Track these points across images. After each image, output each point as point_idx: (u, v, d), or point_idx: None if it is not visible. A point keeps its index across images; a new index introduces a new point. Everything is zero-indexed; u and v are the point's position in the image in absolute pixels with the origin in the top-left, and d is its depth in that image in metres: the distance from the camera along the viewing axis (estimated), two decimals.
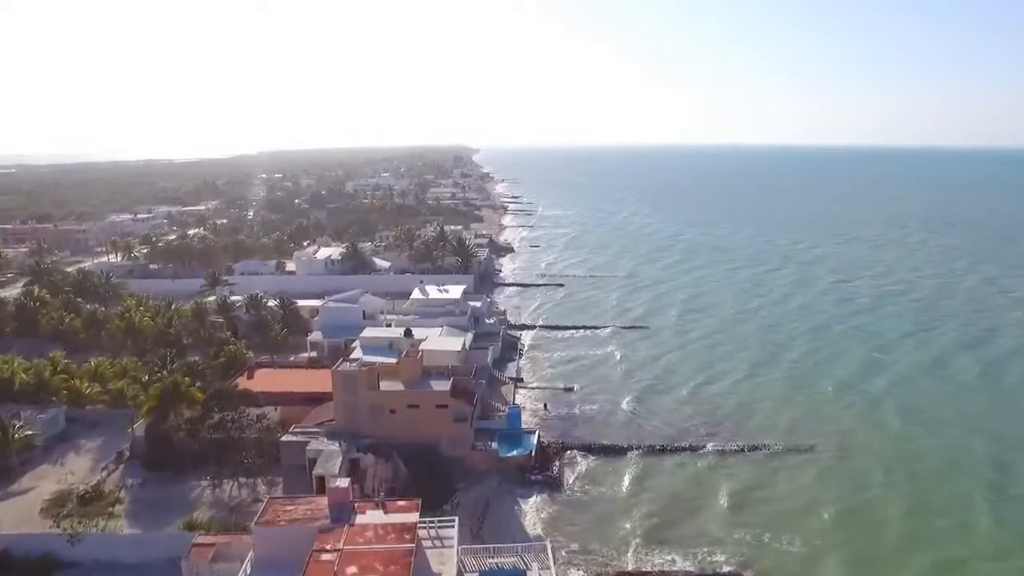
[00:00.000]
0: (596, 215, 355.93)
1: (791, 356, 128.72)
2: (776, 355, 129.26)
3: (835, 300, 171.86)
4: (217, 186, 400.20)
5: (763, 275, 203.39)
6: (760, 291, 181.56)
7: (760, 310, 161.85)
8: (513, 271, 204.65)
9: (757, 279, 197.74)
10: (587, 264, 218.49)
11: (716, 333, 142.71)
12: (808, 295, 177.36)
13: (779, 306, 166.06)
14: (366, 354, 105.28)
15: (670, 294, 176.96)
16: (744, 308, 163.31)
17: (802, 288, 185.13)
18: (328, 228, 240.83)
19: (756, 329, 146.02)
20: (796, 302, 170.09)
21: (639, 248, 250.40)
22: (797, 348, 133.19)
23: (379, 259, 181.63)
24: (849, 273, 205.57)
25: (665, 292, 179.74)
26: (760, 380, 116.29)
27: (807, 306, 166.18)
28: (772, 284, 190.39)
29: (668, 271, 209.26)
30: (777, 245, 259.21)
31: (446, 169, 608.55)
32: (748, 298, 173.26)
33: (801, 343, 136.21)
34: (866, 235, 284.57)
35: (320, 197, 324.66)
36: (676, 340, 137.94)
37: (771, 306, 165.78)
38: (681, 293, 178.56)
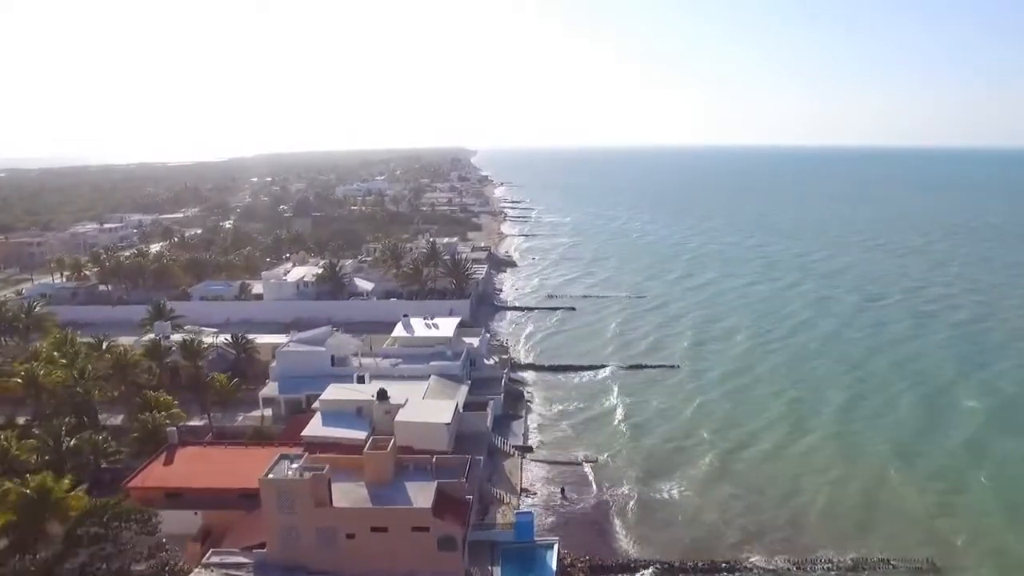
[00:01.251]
0: (597, 221, 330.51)
1: (835, 404, 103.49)
2: (817, 403, 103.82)
3: (869, 325, 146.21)
4: (200, 192, 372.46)
5: (781, 291, 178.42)
6: (782, 312, 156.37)
7: (787, 339, 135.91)
8: (515, 290, 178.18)
9: (775, 296, 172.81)
10: (592, 279, 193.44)
11: (742, 372, 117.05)
12: (837, 317, 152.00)
13: (807, 332, 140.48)
14: (326, 424, 79.22)
15: (682, 318, 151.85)
16: (768, 336, 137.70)
17: (828, 308, 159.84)
18: (310, 240, 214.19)
19: (787, 366, 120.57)
20: (825, 327, 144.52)
21: (643, 259, 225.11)
22: (840, 391, 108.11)
23: (361, 279, 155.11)
24: (877, 289, 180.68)
25: (677, 315, 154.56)
26: (806, 444, 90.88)
27: (839, 333, 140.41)
28: (793, 303, 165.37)
29: (677, 287, 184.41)
30: (790, 255, 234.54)
31: (443, 172, 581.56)
32: (771, 322, 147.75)
33: (844, 384, 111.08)
34: (885, 243, 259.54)
35: (305, 204, 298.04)
36: (697, 382, 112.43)
37: (798, 332, 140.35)
38: (694, 315, 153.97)
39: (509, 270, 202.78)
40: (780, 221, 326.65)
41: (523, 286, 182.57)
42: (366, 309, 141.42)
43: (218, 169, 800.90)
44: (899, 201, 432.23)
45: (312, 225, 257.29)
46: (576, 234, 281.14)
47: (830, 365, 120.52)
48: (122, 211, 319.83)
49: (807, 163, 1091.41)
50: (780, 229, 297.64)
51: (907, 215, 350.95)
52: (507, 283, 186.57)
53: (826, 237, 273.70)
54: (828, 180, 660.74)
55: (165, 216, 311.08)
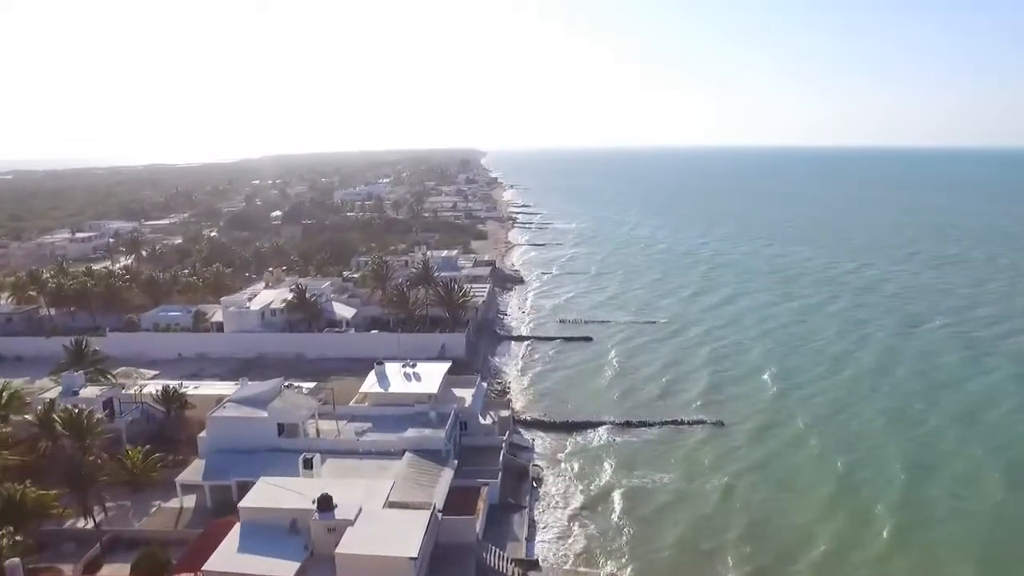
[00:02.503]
0: (604, 226, 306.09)
1: (899, 481, 78.58)
2: (877, 480, 79.00)
3: (919, 359, 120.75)
4: (192, 196, 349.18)
5: (809, 312, 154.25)
6: (814, 341, 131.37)
7: (825, 379, 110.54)
8: (522, 313, 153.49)
9: (803, 319, 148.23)
10: (602, 294, 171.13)
11: (776, 429, 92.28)
12: (880, 349, 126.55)
13: (847, 369, 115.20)
14: (245, 545, 55.23)
15: (701, 347, 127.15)
16: (802, 375, 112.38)
17: (867, 335, 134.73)
18: (294, 252, 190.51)
19: (830, 420, 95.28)
20: (868, 361, 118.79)
21: (654, 271, 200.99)
22: (902, 462, 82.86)
23: (342, 304, 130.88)
24: (918, 309, 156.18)
25: (695, 344, 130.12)
26: (873, 550, 66.33)
27: (886, 371, 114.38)
28: (825, 328, 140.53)
29: (693, 306, 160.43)
30: (814, 266, 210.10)
31: (450, 174, 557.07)
32: (803, 356, 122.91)
33: (904, 450, 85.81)
34: (916, 251, 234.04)
35: (296, 211, 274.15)
36: (727, 444, 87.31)
37: (837, 369, 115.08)
38: (718, 344, 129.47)
39: (516, 288, 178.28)
40: (797, 227, 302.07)
41: (531, 308, 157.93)
42: (342, 344, 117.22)
43: (225, 171, 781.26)
44: (919, 204, 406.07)
45: (303, 234, 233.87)
46: (585, 242, 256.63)
47: (881, 419, 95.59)
48: (109, 217, 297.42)
49: (814, 164, 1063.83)
50: (798, 236, 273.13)
51: (932, 220, 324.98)
52: (513, 304, 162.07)
53: (849, 245, 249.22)
54: (839, 182, 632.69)
55: (152, 223, 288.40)
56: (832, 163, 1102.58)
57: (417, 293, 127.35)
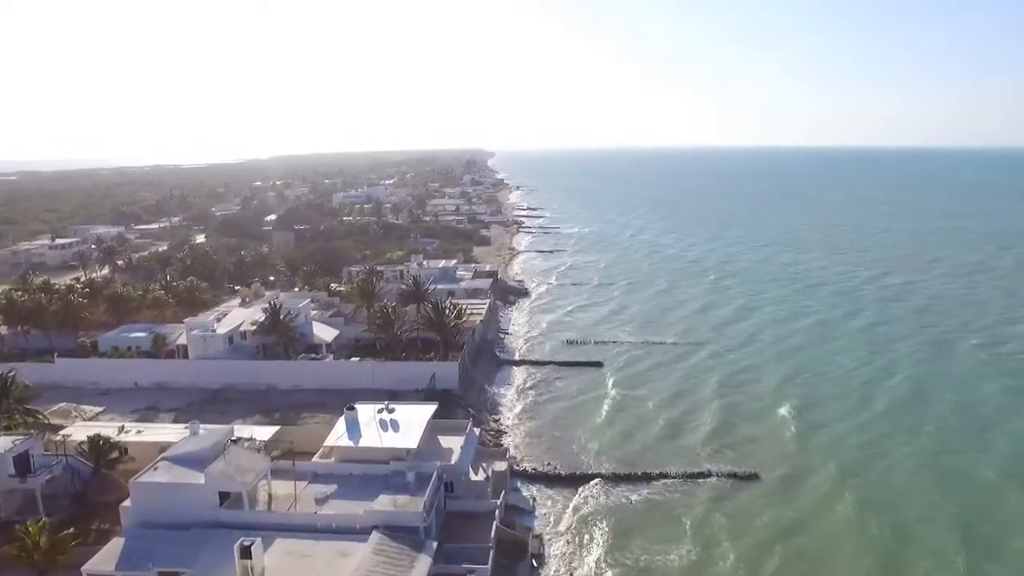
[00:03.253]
0: (609, 230, 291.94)
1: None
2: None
3: (1003, 397, 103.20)
4: (186, 199, 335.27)
5: (840, 328, 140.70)
6: (845, 372, 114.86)
7: (886, 426, 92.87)
8: (525, 332, 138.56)
9: (829, 340, 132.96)
10: (608, 306, 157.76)
11: (846, 509, 74.06)
12: (940, 379, 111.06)
13: (917, 415, 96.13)
14: None
15: (718, 377, 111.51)
16: (850, 421, 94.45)
17: (898, 362, 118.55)
18: (280, 261, 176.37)
19: (919, 496, 77.80)
20: (939, 404, 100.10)
21: (662, 280, 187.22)
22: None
23: (321, 325, 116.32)
24: (957, 326, 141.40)
25: (708, 368, 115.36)
26: None
27: (969, 411, 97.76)
28: (862, 348, 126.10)
29: (704, 322, 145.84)
30: (833, 274, 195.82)
31: (455, 176, 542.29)
32: (843, 388, 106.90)
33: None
34: (938, 259, 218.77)
35: (288, 216, 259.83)
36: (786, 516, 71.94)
37: (901, 414, 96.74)
38: (732, 370, 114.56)
39: (519, 301, 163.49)
40: (808, 231, 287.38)
41: (535, 325, 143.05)
42: (319, 373, 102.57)
43: (230, 172, 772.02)
44: (930, 206, 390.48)
45: (295, 240, 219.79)
46: (591, 248, 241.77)
47: (927, 471, 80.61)
48: (99, 221, 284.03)
49: (817, 164, 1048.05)
50: (810, 241, 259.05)
51: (947, 223, 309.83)
52: (516, 321, 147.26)
53: (865, 251, 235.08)
54: (845, 183, 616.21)
55: (142, 227, 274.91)
56: (835, 164, 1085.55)
57: (405, 314, 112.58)
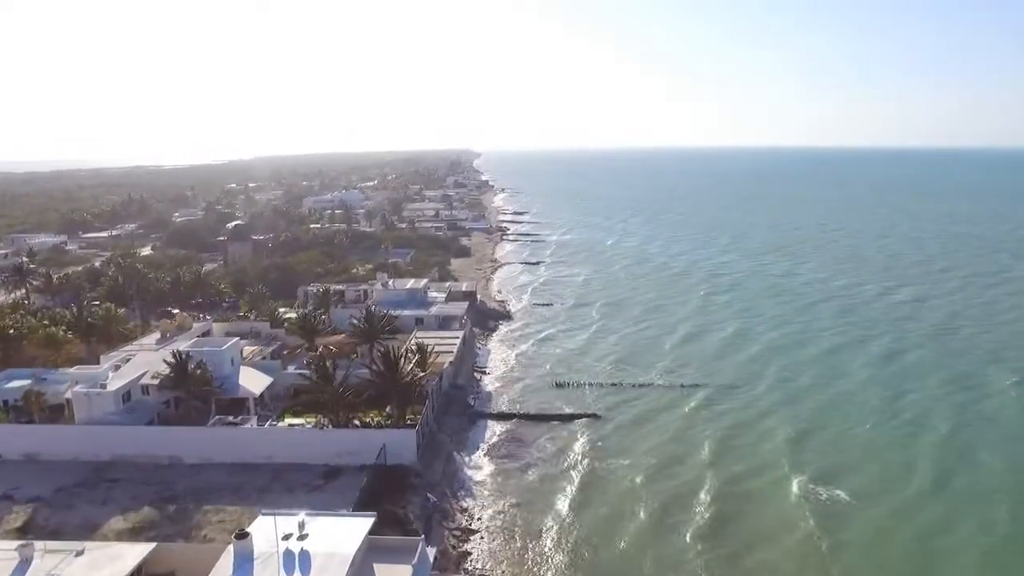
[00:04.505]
0: (608, 239, 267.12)
1: None
2: None
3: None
4: (145, 203, 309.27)
5: (853, 358, 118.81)
6: (876, 418, 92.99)
7: (937, 517, 69.52)
8: (506, 370, 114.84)
9: (848, 374, 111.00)
10: (611, 337, 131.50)
11: None
12: (988, 438, 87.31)
13: (976, 503, 71.89)
14: None
15: (713, 433, 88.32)
16: (886, 505, 71.21)
17: (955, 411, 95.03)
18: (224, 279, 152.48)
19: None
20: (999, 479, 76.70)
21: (671, 302, 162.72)
22: None
23: (250, 372, 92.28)
24: (988, 356, 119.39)
25: (704, 420, 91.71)
26: None
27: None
28: (884, 389, 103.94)
29: (695, 351, 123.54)
30: (836, 288, 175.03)
31: (438, 177, 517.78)
32: (871, 454, 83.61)
33: None
34: (950, 268, 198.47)
35: (257, 221, 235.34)
36: None
37: (954, 498, 72.91)
38: (728, 424, 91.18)
39: (501, 327, 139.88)
40: (805, 237, 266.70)
41: (519, 361, 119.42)
42: (236, 442, 78.45)
43: (212, 172, 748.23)
44: (931, 209, 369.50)
45: (253, 252, 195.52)
46: (586, 260, 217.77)
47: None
48: (49, 229, 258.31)
49: (815, 165, 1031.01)
50: (808, 248, 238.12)
51: (951, 228, 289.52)
52: (496, 353, 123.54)
53: (869, 260, 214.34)
54: (843, 184, 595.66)
55: (91, 235, 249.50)
56: (833, 164, 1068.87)
57: (355, 358, 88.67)
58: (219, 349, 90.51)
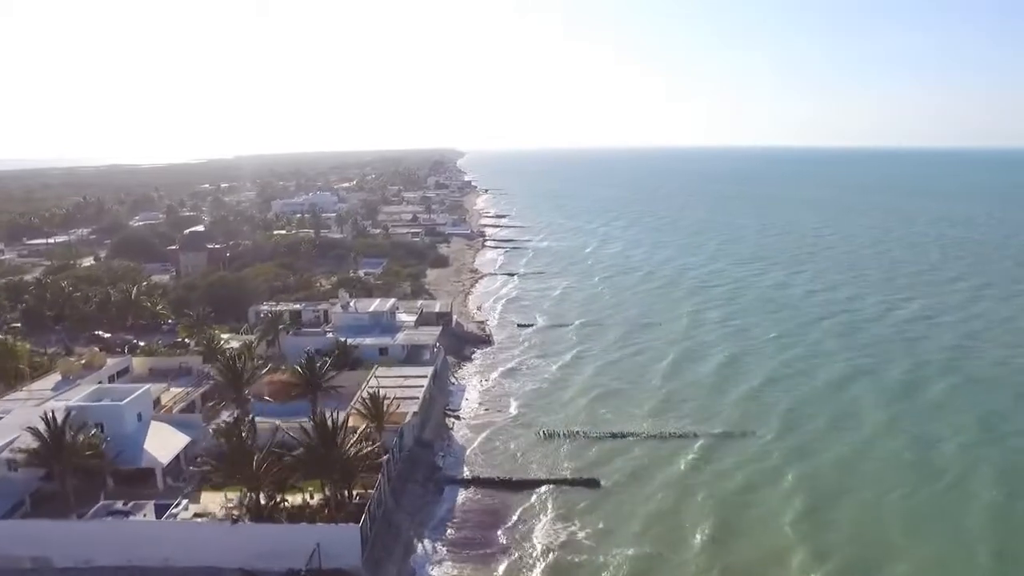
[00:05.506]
0: (590, 242, 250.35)
1: None
2: None
3: None
4: (102, 206, 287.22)
5: (865, 393, 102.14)
6: (909, 480, 76.16)
7: None
8: (483, 413, 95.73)
9: (859, 416, 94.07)
10: (598, 362, 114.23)
11: None
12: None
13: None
14: None
15: (710, 503, 70.35)
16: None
17: (998, 471, 77.54)
18: (167, 297, 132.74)
19: None
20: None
21: (633, 310, 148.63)
22: None
23: (165, 430, 72.81)
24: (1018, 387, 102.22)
25: (704, 484, 75.00)
26: None
27: None
28: (909, 437, 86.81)
29: (681, 386, 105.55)
30: (833, 301, 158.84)
31: (419, 178, 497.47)
32: (910, 531, 66.59)
33: None
34: (958, 278, 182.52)
35: (215, 228, 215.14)
36: None
37: None
38: (727, 489, 74.01)
39: (479, 354, 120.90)
40: (796, 242, 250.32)
41: (496, 399, 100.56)
42: (127, 540, 59.07)
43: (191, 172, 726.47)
44: (925, 212, 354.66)
45: (208, 263, 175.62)
46: (569, 270, 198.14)
47: None
48: None
49: (802, 165, 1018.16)
50: (801, 255, 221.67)
51: (948, 232, 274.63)
52: (471, 390, 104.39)
53: (866, 269, 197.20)
54: (832, 185, 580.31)
55: (36, 242, 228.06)
56: (820, 164, 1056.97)
57: (276, 429, 69.16)
58: (119, 404, 71.08)
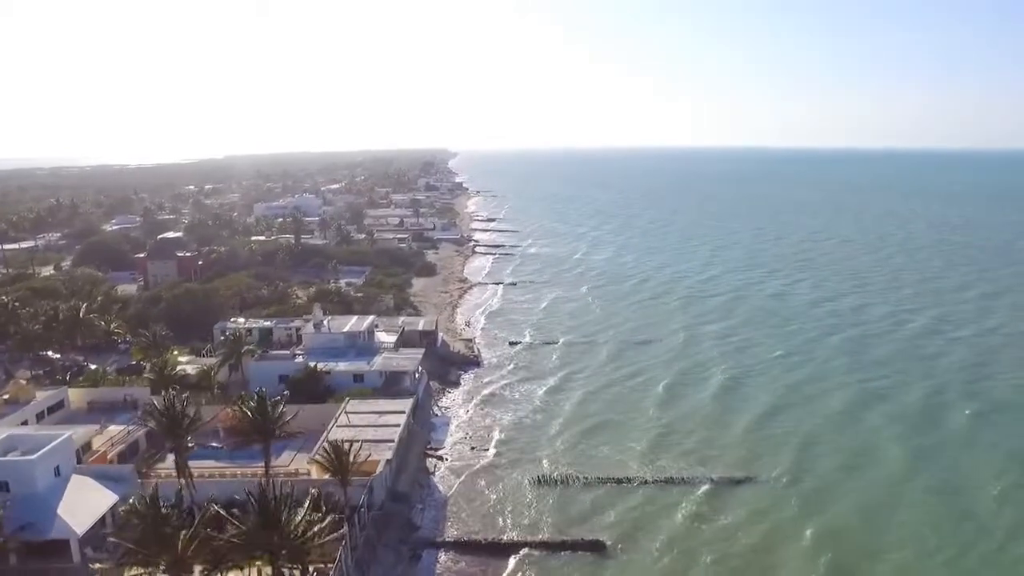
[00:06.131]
0: (580, 246, 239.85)
1: None
2: None
3: None
4: (76, 209, 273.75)
5: (889, 424, 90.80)
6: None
7: None
8: (466, 455, 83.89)
9: (893, 453, 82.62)
10: (585, 387, 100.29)
11: None
12: None
13: None
14: None
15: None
16: None
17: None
18: (135, 307, 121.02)
19: None
20: None
21: (621, 328, 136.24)
22: None
23: (85, 487, 60.62)
24: None
25: (704, 545, 63.44)
26: None
27: None
28: (941, 486, 74.79)
29: (686, 414, 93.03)
30: (841, 311, 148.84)
31: (409, 180, 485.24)
32: None
33: None
34: (969, 288, 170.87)
35: (190, 233, 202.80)
36: None
37: None
38: (742, 561, 61.69)
39: (466, 378, 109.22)
40: (793, 246, 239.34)
41: (485, 433, 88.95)
42: None
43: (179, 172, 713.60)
44: (921, 214, 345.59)
45: (177, 272, 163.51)
46: (560, 278, 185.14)
47: None
48: None
49: (792, 166, 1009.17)
50: (800, 260, 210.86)
51: (950, 237, 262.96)
52: (456, 421, 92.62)
53: (872, 277, 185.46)
54: (824, 186, 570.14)
55: (11, 247, 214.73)
56: (810, 164, 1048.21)
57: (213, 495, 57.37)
58: (29, 459, 59.24)
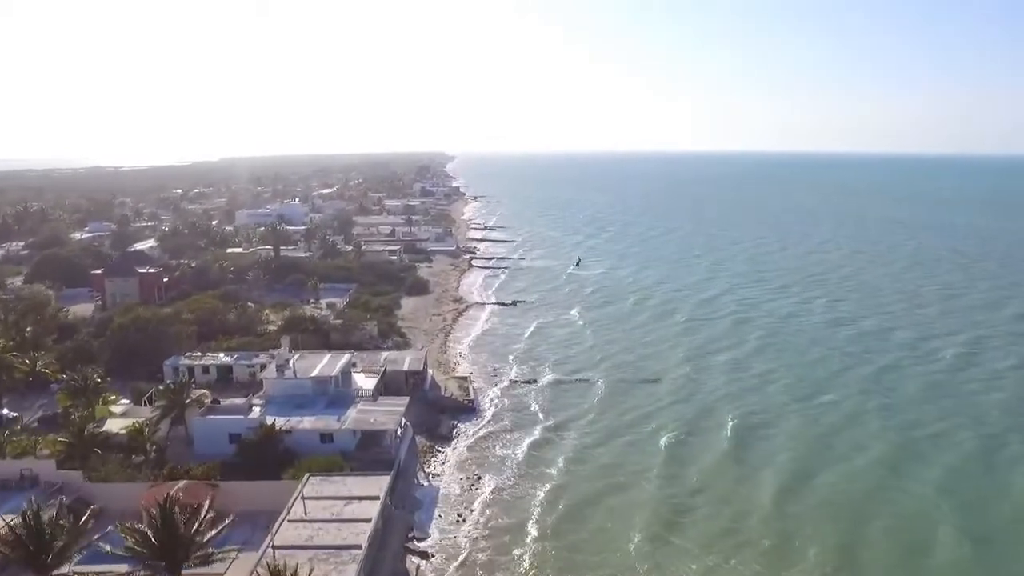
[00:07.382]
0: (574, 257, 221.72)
1: None
2: None
3: None
4: (46, 215, 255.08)
5: (932, 479, 76.79)
6: None
7: None
8: (459, 542, 65.97)
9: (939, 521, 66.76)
10: (580, 439, 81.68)
11: None
12: None
13: None
14: None
15: None
16: None
17: None
18: (76, 339, 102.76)
19: None
20: None
21: (615, 359, 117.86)
22: None
23: None
24: None
25: None
26: None
27: None
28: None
29: (758, 497, 73.22)
30: (861, 336, 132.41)
31: (403, 184, 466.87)
32: None
33: None
34: (995, 308, 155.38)
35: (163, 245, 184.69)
36: None
37: None
38: None
39: (461, 430, 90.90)
40: (800, 259, 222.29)
41: (477, 516, 70.81)
42: None
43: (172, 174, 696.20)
44: (923, 221, 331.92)
45: (139, 290, 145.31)
46: (554, 298, 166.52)
47: None
48: None
49: (790, 170, 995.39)
50: (809, 275, 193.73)
51: (957, 245, 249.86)
52: (445, 495, 74.60)
53: (886, 295, 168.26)
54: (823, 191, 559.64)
55: None
56: (807, 169, 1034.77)
57: None
58: None
